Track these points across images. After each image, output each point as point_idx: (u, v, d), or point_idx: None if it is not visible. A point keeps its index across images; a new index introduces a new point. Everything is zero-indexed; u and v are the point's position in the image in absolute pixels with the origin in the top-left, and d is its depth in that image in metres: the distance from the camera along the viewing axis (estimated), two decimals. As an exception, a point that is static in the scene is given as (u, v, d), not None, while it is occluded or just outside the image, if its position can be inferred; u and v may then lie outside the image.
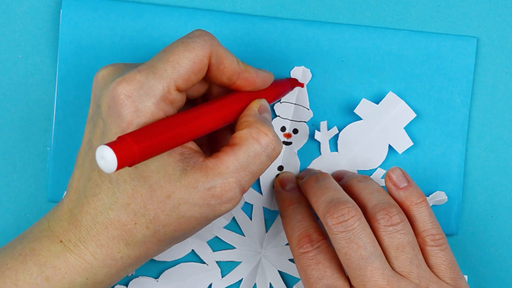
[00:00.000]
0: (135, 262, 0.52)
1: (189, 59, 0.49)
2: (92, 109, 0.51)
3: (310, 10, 0.61)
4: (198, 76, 0.50)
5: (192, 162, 0.50)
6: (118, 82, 0.48)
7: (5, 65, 0.60)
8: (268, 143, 0.51)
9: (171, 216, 0.50)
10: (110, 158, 0.44)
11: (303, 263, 0.54)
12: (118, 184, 0.49)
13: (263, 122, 0.52)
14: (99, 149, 0.44)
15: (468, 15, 0.61)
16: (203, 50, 0.50)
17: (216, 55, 0.51)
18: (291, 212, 0.57)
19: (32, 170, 0.60)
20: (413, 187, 0.55)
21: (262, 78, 0.54)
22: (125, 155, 0.44)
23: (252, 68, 0.53)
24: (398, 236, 0.53)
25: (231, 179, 0.50)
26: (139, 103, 0.48)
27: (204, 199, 0.50)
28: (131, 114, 0.48)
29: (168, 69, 0.49)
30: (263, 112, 0.53)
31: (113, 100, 0.48)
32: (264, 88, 0.55)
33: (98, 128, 0.50)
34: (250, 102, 0.54)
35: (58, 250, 0.50)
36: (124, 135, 0.45)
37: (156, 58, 0.50)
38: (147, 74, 0.49)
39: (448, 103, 0.61)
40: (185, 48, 0.49)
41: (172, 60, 0.49)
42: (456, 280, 0.53)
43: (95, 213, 0.50)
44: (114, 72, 0.50)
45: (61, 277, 0.50)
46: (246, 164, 0.50)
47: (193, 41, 0.50)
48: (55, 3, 0.60)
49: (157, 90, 0.49)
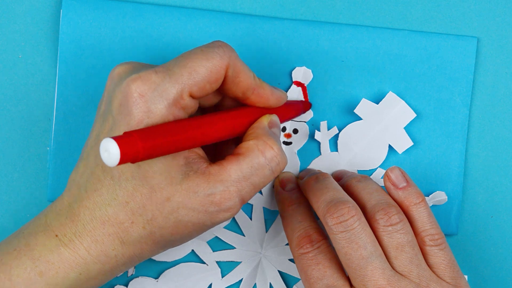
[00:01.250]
0: (129, 261, 0.52)
1: (206, 68, 0.50)
2: (104, 104, 0.51)
3: (310, 10, 0.61)
4: (213, 86, 0.50)
5: (195, 167, 0.50)
6: (132, 80, 0.49)
7: (5, 65, 0.60)
8: (273, 157, 0.51)
9: (169, 219, 0.50)
10: (114, 151, 0.43)
11: (303, 263, 0.54)
12: (120, 181, 0.49)
13: (271, 136, 0.52)
14: (104, 142, 0.44)
15: (468, 15, 0.61)
16: (221, 61, 0.50)
17: (233, 68, 0.51)
18: (291, 212, 0.57)
19: (32, 170, 0.60)
20: (412, 187, 0.55)
21: (276, 97, 0.54)
22: (129, 151, 0.44)
23: (267, 85, 0.54)
24: (397, 236, 0.53)
25: (232, 188, 0.50)
26: (151, 104, 0.48)
27: (203, 205, 0.50)
28: (142, 114, 0.48)
29: (185, 75, 0.49)
30: (272, 127, 0.53)
31: (125, 97, 0.48)
32: (276, 106, 0.55)
33: (107, 124, 0.50)
34: (261, 117, 0.54)
35: (53, 244, 0.51)
36: (131, 131, 0.45)
37: (173, 62, 0.50)
38: (163, 77, 0.49)
39: (448, 103, 0.61)
40: (204, 57, 0.50)
41: (190, 66, 0.49)
42: (456, 279, 0.53)
43: (94, 208, 0.50)
44: (130, 70, 0.50)
45: (54, 272, 0.50)
46: (248, 174, 0.50)
47: (212, 50, 0.50)
48: (55, 3, 0.60)
49: (170, 93, 0.49)
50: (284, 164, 0.52)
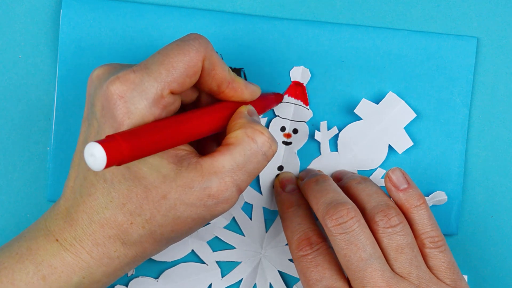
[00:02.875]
0: (132, 261, 0.52)
1: (183, 62, 0.49)
2: (87, 108, 0.51)
3: (310, 10, 0.61)
4: (192, 79, 0.50)
5: (186, 163, 0.50)
6: (111, 82, 0.48)
7: (5, 65, 0.60)
8: (264, 142, 0.51)
9: (168, 217, 0.50)
10: (99, 155, 0.43)
11: (303, 265, 0.54)
12: (113, 184, 0.49)
13: (257, 122, 0.52)
14: (88, 146, 0.43)
15: (468, 15, 0.61)
16: (198, 53, 0.50)
17: (209, 60, 0.51)
18: (291, 214, 0.57)
19: (32, 170, 0.60)
20: (413, 189, 0.55)
21: (250, 91, 0.54)
22: (115, 153, 0.44)
23: (241, 79, 0.54)
24: (397, 237, 0.53)
25: (227, 179, 0.50)
26: (131, 104, 0.48)
27: (201, 199, 0.50)
28: (123, 115, 0.48)
29: (163, 72, 0.49)
30: (252, 115, 0.53)
31: (106, 100, 0.48)
32: (251, 100, 0.55)
33: (92, 128, 0.50)
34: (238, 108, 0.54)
35: (55, 249, 0.51)
36: (114, 134, 0.45)
37: (150, 60, 0.50)
38: (142, 76, 0.48)
39: (448, 103, 0.61)
40: (180, 51, 0.49)
41: (167, 63, 0.49)
42: (456, 281, 0.53)
43: (91, 212, 0.50)
44: (109, 72, 0.50)
45: (57, 276, 0.50)
46: (242, 163, 0.50)
47: (188, 44, 0.50)
48: (55, 3, 0.60)
49: (150, 92, 0.48)
50: (276, 147, 0.51)
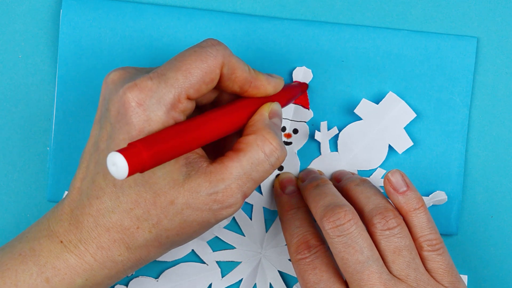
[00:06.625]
0: (135, 265, 0.52)
1: (201, 69, 0.49)
2: (100, 111, 0.51)
3: (310, 10, 0.61)
4: (209, 86, 0.50)
5: (196, 167, 0.50)
6: (129, 88, 0.48)
7: (5, 65, 0.60)
8: (272, 152, 0.51)
9: (174, 221, 0.50)
10: (122, 165, 0.43)
11: (301, 268, 0.54)
12: (123, 188, 0.49)
13: (270, 129, 0.52)
14: (111, 156, 0.43)
15: (468, 15, 0.61)
16: (216, 60, 0.50)
17: (228, 66, 0.50)
18: (290, 217, 0.57)
19: (32, 170, 0.60)
20: (412, 192, 0.55)
21: (273, 85, 0.54)
22: (136, 162, 0.44)
23: (263, 75, 0.53)
24: (394, 240, 0.53)
25: (234, 185, 0.50)
26: (150, 112, 0.48)
27: (206, 204, 0.50)
28: (143, 123, 0.48)
29: (180, 78, 0.49)
30: (273, 117, 0.53)
31: (123, 106, 0.48)
32: (274, 94, 0.54)
33: (105, 131, 0.50)
34: (261, 106, 0.54)
35: (58, 250, 0.51)
36: (135, 142, 0.45)
37: (167, 65, 0.49)
38: (159, 82, 0.48)
39: (448, 103, 0.61)
40: (198, 58, 0.49)
41: (184, 69, 0.49)
42: (454, 284, 0.53)
43: (97, 216, 0.50)
44: (124, 77, 0.50)
45: (61, 278, 0.50)
46: (249, 171, 0.50)
47: (205, 51, 0.50)
48: (55, 3, 0.60)
49: (168, 99, 0.48)
50: (283, 158, 0.52)
